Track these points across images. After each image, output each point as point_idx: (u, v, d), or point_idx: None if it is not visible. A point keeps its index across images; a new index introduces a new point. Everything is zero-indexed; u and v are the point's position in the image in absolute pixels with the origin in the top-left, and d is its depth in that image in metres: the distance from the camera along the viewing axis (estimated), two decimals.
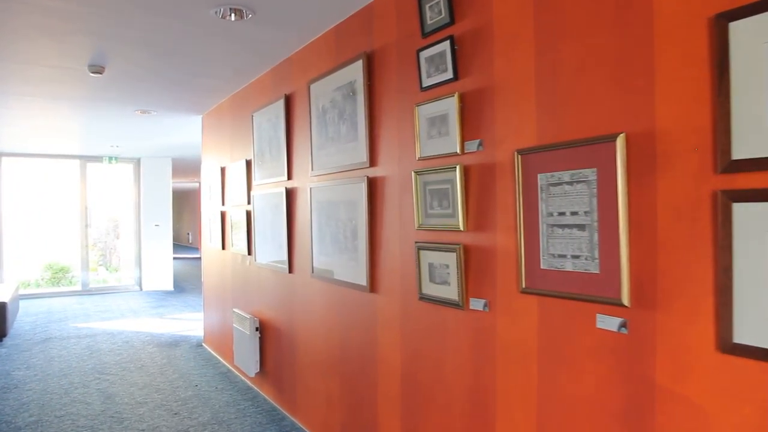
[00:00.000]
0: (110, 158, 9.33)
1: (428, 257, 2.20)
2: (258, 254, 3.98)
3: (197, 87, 4.37)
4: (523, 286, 1.79)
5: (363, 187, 2.61)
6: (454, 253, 2.06)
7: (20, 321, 6.93)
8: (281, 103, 3.52)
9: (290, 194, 3.46)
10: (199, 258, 17.16)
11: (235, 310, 4.31)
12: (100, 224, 12.29)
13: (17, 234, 11.03)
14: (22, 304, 8.17)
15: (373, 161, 2.58)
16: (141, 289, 9.69)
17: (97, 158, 9.33)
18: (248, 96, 4.21)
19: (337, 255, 2.87)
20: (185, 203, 20.31)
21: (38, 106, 4.97)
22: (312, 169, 3.12)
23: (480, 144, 1.97)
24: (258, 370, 3.97)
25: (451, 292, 2.09)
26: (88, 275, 9.54)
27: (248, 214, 4.19)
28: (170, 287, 9.78)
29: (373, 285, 2.59)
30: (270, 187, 3.75)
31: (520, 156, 1.80)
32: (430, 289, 2.20)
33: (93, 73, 3.67)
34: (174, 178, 11.76)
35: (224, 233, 4.86)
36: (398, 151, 2.41)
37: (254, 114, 3.99)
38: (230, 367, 4.69)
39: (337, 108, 2.84)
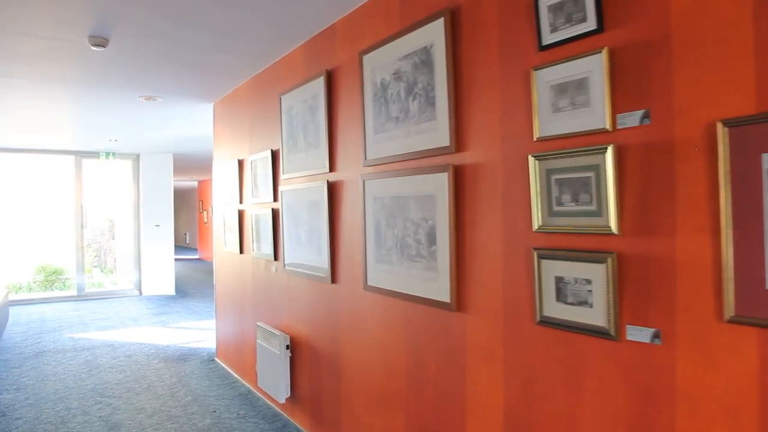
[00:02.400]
0: (107, 154, 8.72)
1: (555, 268, 1.66)
2: (287, 260, 3.43)
3: (213, 67, 3.81)
4: (732, 313, 1.26)
5: (446, 178, 2.07)
6: (602, 264, 1.52)
7: (10, 331, 6.33)
8: (320, 82, 2.96)
9: (333, 189, 2.91)
10: (198, 259, 16.56)
11: (260, 324, 3.75)
12: (96, 224, 11.68)
13: (7, 234, 10.40)
14: (12, 311, 7.55)
15: (460, 145, 2.04)
16: (140, 294, 9.09)
17: (94, 154, 8.71)
18: (274, 76, 3.66)
19: (404, 264, 2.32)
20: (182, 202, 19.69)
21: (29, 90, 4.37)
22: (366, 158, 2.58)
23: (645, 116, 1.44)
24: (289, 394, 3.41)
25: (595, 315, 1.55)
26: (84, 279, 8.92)
27: (274, 213, 3.63)
28: (172, 292, 9.19)
29: (460, 302, 2.05)
30: (305, 180, 3.20)
31: (726, 128, 1.26)
32: (558, 311, 1.66)
33: (94, 45, 3.10)
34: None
35: (242, 235, 4.30)
36: (501, 130, 1.87)
37: (283, 96, 3.43)
38: (251, 388, 4.13)
39: (404, 81, 2.30)
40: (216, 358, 5.03)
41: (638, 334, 1.46)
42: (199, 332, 6.21)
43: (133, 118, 5.77)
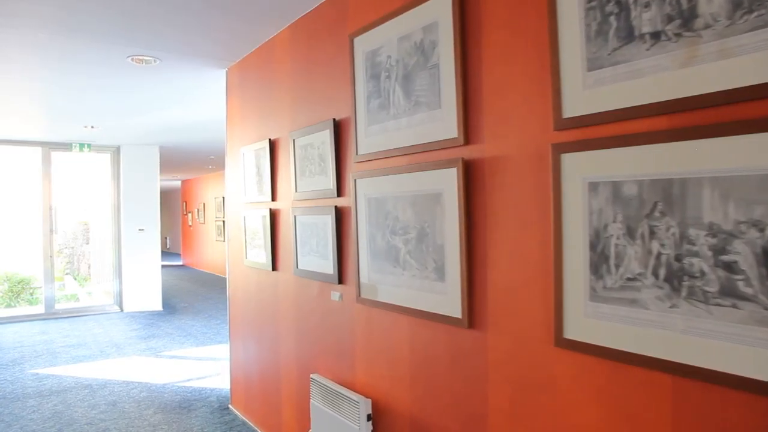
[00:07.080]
0: (81, 145, 7.39)
1: None
2: (366, 283, 2.28)
3: (238, 9, 2.64)
4: None
5: None
6: None
7: None
8: (444, 1, 1.83)
9: (472, 173, 1.78)
10: (182, 266, 15.18)
11: (317, 377, 2.58)
12: (68, 227, 10.29)
13: None
14: None
15: None
16: (121, 310, 7.77)
17: (65, 145, 7.38)
18: (337, 13, 2.50)
19: (682, 307, 1.20)
20: (162, 204, 18.27)
21: None
22: (563, 114, 1.45)
23: None
24: None
25: None
26: (54, 292, 7.57)
27: (339, 213, 2.48)
28: (159, 307, 7.89)
29: None
30: (406, 162, 2.05)
31: None
32: None
33: None
34: None
35: (276, 245, 3.12)
36: None
37: (357, 38, 2.28)
38: None
39: None
40: (231, 406, 3.83)
41: None
42: (200, 364, 4.98)
43: (116, 93, 4.53)
